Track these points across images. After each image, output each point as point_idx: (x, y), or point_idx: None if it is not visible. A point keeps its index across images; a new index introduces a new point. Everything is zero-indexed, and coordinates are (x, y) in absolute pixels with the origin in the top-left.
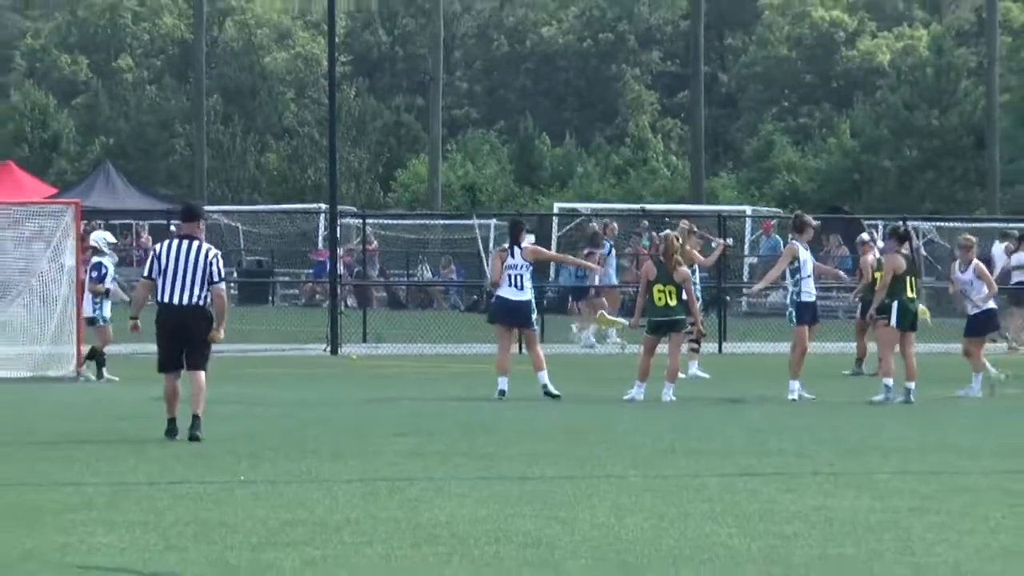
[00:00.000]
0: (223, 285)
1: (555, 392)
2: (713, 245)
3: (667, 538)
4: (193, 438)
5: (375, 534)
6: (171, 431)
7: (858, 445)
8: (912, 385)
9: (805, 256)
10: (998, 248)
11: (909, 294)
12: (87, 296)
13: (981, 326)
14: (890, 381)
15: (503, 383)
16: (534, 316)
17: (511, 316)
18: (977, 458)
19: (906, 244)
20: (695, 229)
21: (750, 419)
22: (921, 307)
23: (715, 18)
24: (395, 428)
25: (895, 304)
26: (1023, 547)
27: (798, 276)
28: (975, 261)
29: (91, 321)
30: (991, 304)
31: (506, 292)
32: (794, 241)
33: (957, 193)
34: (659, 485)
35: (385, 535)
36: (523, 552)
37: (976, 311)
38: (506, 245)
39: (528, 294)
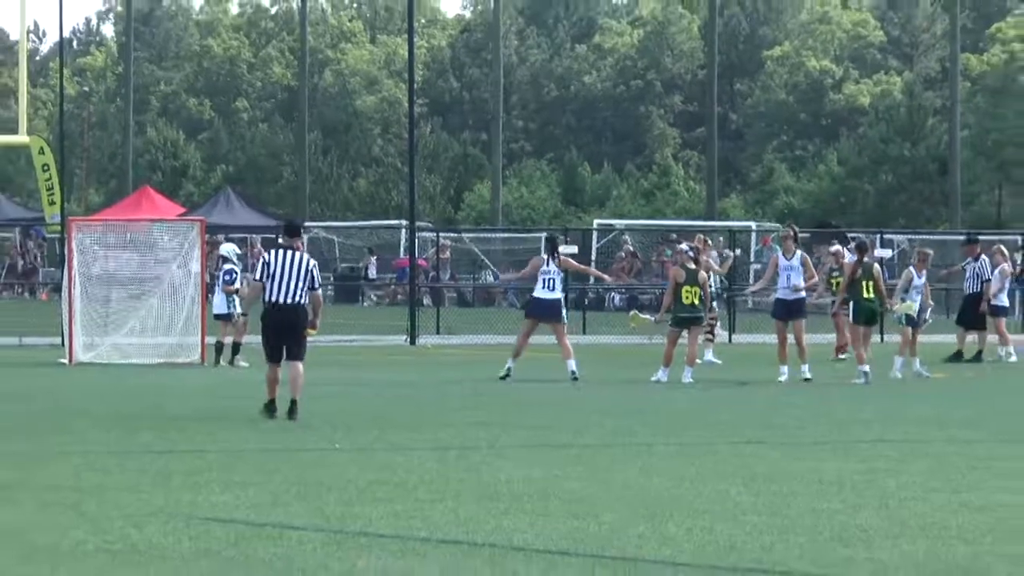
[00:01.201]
0: (320, 291)
1: (577, 376)
2: (726, 253)
3: (685, 494)
4: (291, 419)
5: (446, 492)
6: (269, 409)
7: (844, 418)
8: (866, 368)
9: (783, 264)
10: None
11: (865, 295)
12: (221, 296)
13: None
14: (866, 367)
15: (511, 364)
16: (564, 312)
17: (545, 312)
18: (943, 428)
19: (865, 254)
20: (708, 243)
21: (755, 397)
22: (908, 303)
23: (726, 68)
24: (462, 404)
25: (852, 303)
26: (980, 503)
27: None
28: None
29: (227, 317)
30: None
31: (541, 293)
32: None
33: (925, 211)
34: (680, 451)
35: (454, 493)
36: (568, 506)
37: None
38: (544, 255)
39: (559, 294)
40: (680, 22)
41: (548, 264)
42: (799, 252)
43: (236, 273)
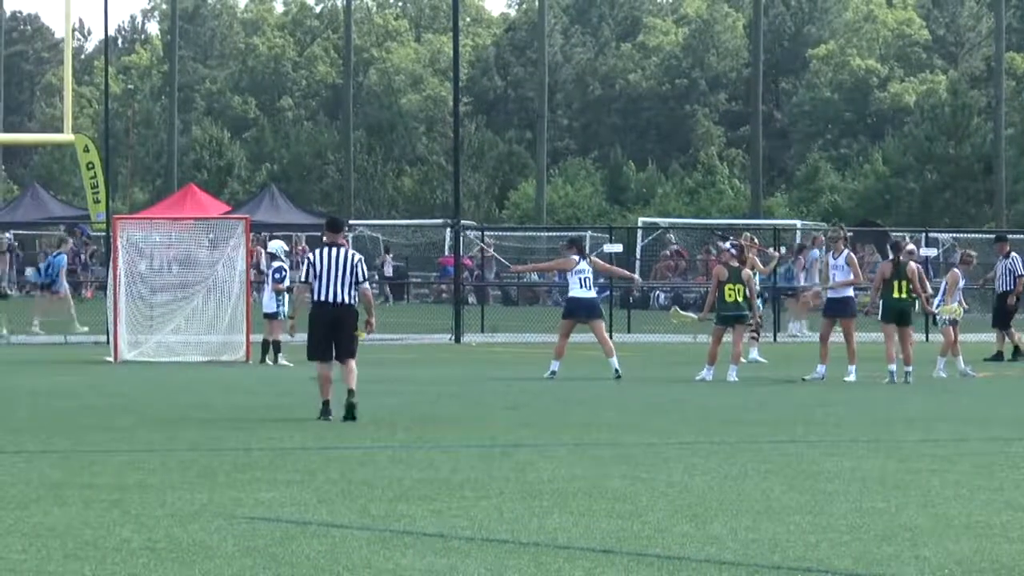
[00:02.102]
0: (367, 284)
1: (621, 373)
2: (770, 252)
3: (729, 493)
4: (350, 417)
5: (490, 490)
6: (325, 412)
7: (887, 417)
8: (910, 368)
9: (831, 263)
10: None
11: (895, 294)
12: (270, 294)
13: None
14: (892, 366)
15: (555, 366)
16: (601, 310)
17: (583, 311)
18: (986, 427)
19: (900, 253)
20: (755, 240)
21: (799, 396)
22: (953, 306)
23: (771, 66)
24: (507, 403)
25: (882, 303)
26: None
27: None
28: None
29: (273, 315)
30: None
31: (578, 292)
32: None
33: (970, 210)
34: (723, 450)
35: (498, 491)
36: (612, 505)
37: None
38: (574, 255)
39: (594, 292)
40: (725, 20)
41: (580, 263)
42: (846, 251)
43: (285, 271)
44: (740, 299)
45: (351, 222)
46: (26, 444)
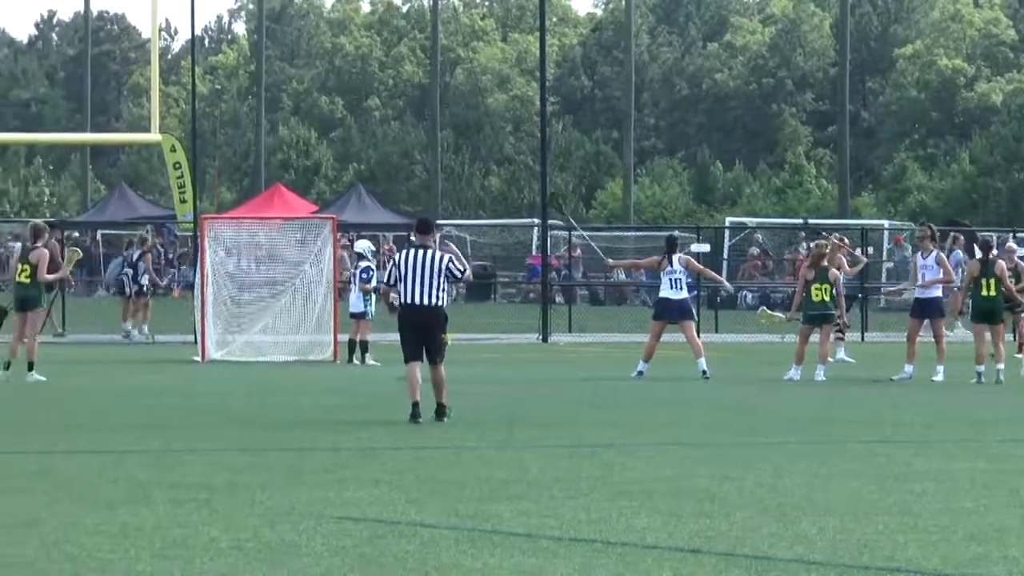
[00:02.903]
0: (469, 273)
1: (709, 374)
2: (857, 252)
3: (818, 493)
4: (440, 420)
5: (578, 490)
6: (415, 415)
7: (975, 418)
8: (1001, 366)
9: (920, 263)
10: None
11: (984, 293)
12: (358, 294)
13: None
14: (981, 367)
15: (643, 366)
16: (692, 310)
17: (674, 312)
18: None
19: (989, 253)
20: (845, 241)
21: (887, 396)
22: None
23: (858, 66)
24: (595, 402)
25: (971, 303)
26: None
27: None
28: None
29: (360, 315)
30: None
31: (668, 293)
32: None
33: None
34: (811, 450)
35: (586, 491)
36: (700, 505)
37: None
38: (665, 255)
39: (685, 293)
40: (811, 20)
41: (673, 263)
42: (935, 251)
43: (373, 271)
44: (827, 298)
45: (438, 221)
46: (114, 444)
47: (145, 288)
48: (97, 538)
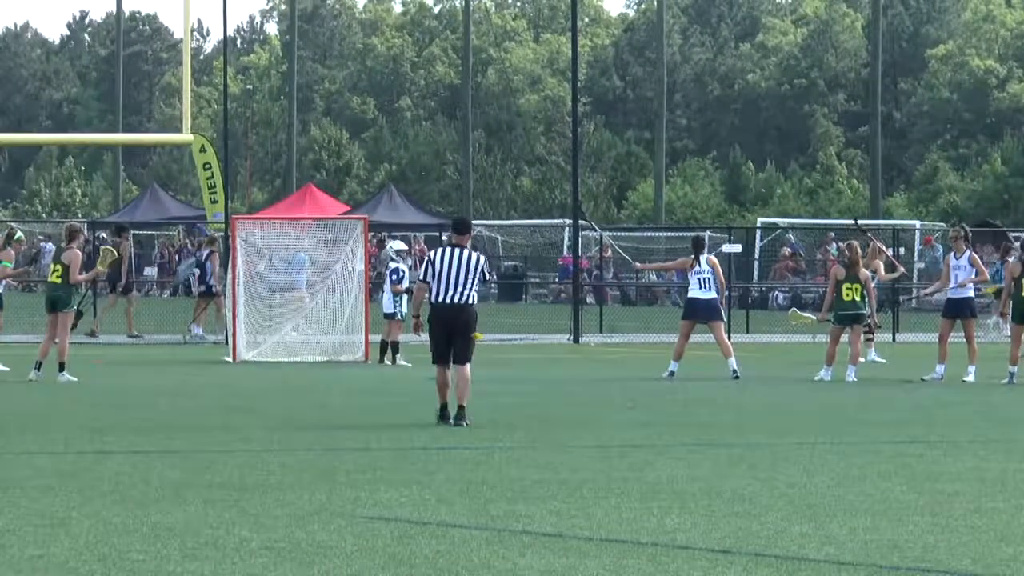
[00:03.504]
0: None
1: (739, 374)
2: (891, 258)
3: (848, 494)
4: (459, 425)
5: (609, 490)
6: (443, 416)
7: (1006, 418)
8: (1013, 368)
9: (953, 263)
10: None
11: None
12: (389, 294)
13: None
14: (1014, 367)
15: (674, 366)
16: (721, 311)
17: (702, 312)
18: None
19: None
20: (884, 248)
21: (918, 396)
22: None
23: (890, 66)
24: (625, 402)
25: (1012, 302)
26: None
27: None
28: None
29: (392, 316)
30: None
31: (696, 293)
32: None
33: None
34: (842, 450)
35: (617, 491)
36: (731, 505)
37: None
38: (693, 256)
39: (714, 292)
40: (843, 20)
41: (699, 263)
42: (968, 251)
43: (404, 272)
44: (857, 298)
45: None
46: (145, 444)
47: (213, 288)
48: (128, 538)
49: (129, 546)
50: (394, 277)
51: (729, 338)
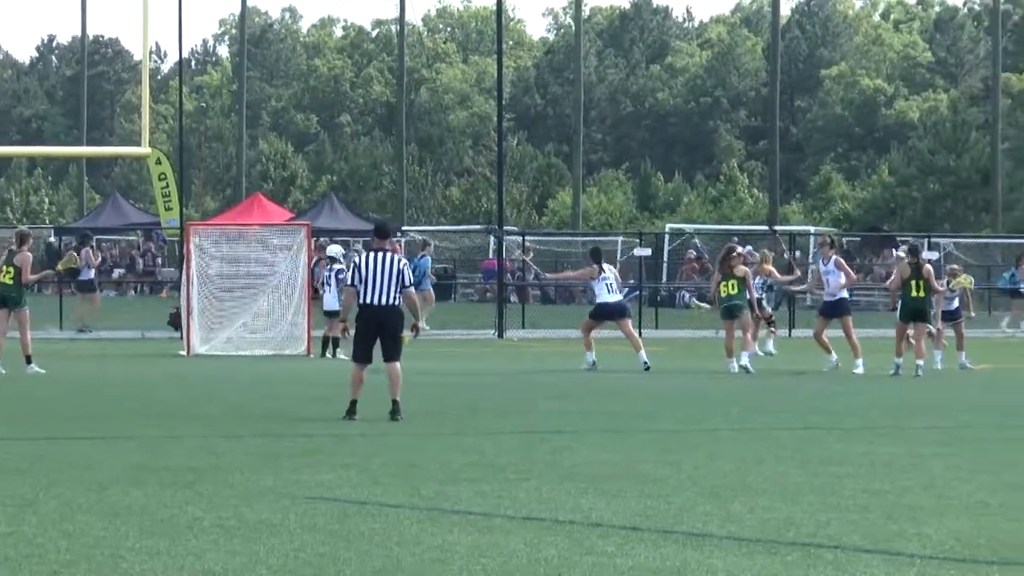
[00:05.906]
0: (412, 289)
1: (649, 365)
2: (791, 266)
3: (748, 476)
4: (394, 420)
5: (530, 473)
6: (351, 411)
7: (894, 406)
8: (921, 362)
9: (822, 268)
10: None
11: (912, 294)
12: (332, 294)
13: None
14: (899, 359)
15: (591, 357)
16: (629, 310)
17: (612, 313)
18: (987, 415)
19: (917, 257)
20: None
21: (812, 386)
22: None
23: (787, 85)
24: (546, 393)
25: (900, 301)
26: (1021, 483)
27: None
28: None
29: (334, 313)
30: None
31: (606, 297)
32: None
33: (969, 217)
34: (742, 436)
35: (538, 474)
36: (641, 487)
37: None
38: (594, 266)
39: (620, 295)
40: (745, 44)
41: (604, 270)
42: (834, 256)
43: (345, 272)
44: (733, 291)
45: (403, 228)
46: (107, 431)
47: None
48: (90, 517)
49: (91, 524)
50: (340, 277)
51: (640, 334)
